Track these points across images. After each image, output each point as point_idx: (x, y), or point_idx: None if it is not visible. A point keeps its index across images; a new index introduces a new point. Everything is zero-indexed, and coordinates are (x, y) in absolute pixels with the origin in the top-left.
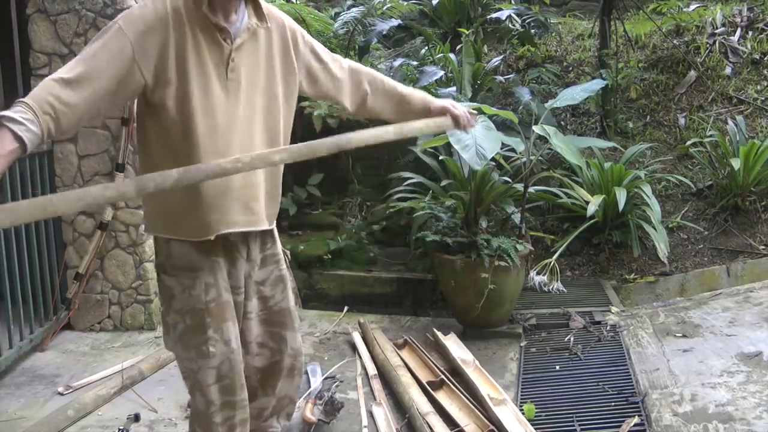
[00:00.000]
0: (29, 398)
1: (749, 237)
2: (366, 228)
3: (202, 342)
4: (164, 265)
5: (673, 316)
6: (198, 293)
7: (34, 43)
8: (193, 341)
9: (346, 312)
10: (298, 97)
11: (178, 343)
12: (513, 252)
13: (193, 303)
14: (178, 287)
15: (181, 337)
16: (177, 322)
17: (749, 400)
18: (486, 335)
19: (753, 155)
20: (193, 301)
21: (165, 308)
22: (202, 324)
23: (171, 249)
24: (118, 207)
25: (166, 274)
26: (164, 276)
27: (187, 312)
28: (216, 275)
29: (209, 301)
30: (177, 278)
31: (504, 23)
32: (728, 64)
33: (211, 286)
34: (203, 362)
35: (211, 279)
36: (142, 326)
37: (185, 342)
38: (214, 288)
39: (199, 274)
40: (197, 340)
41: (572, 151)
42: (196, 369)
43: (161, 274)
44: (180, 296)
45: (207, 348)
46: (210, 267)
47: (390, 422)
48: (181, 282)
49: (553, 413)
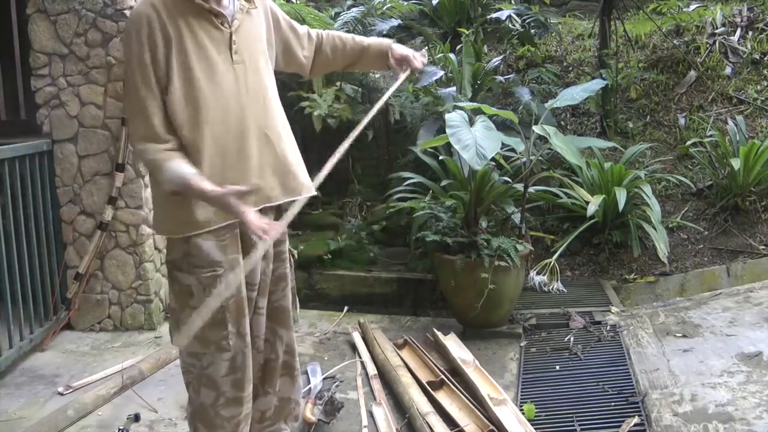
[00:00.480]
0: (29, 398)
1: (749, 237)
2: (366, 228)
3: (222, 338)
4: (180, 262)
5: (673, 316)
6: (219, 291)
7: (34, 43)
8: (212, 337)
9: (346, 312)
10: (298, 96)
11: (193, 339)
12: (513, 252)
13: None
14: (197, 284)
15: (199, 333)
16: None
17: (749, 400)
18: (486, 335)
19: (753, 155)
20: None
21: (179, 305)
22: (223, 320)
23: (190, 248)
24: (118, 207)
25: (183, 272)
26: (180, 273)
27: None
28: (235, 271)
29: (229, 298)
30: (196, 276)
31: (504, 23)
32: (728, 64)
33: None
34: (219, 356)
35: (231, 275)
36: (142, 326)
37: (203, 339)
38: (233, 285)
39: (219, 272)
40: (217, 336)
41: (572, 151)
42: (208, 363)
43: (176, 271)
44: (199, 294)
45: (227, 343)
46: (230, 264)
47: (390, 422)
48: (200, 280)
49: (553, 413)
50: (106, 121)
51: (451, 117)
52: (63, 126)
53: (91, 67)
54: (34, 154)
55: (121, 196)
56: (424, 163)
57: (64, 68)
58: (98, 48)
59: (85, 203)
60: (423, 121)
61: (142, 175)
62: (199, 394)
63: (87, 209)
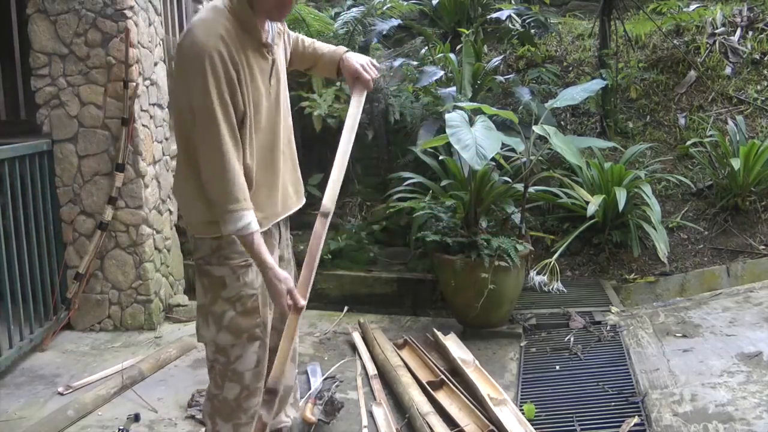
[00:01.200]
0: (29, 398)
1: (749, 237)
2: (366, 228)
3: (255, 325)
4: (210, 257)
5: (673, 316)
6: (252, 278)
7: (34, 43)
8: (245, 325)
9: (346, 312)
10: (298, 96)
11: (224, 331)
12: (513, 252)
13: (246, 289)
14: (231, 275)
15: (231, 323)
16: (226, 309)
17: (749, 400)
18: (486, 335)
19: (753, 155)
20: (246, 287)
21: (210, 298)
22: (255, 308)
23: (221, 242)
24: (118, 207)
25: (214, 265)
26: (211, 267)
27: (238, 299)
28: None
29: (260, 286)
30: (229, 266)
31: (504, 23)
32: (728, 64)
33: (258, 273)
34: (250, 347)
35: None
36: (142, 326)
37: (236, 328)
38: (260, 274)
39: (249, 261)
40: (250, 323)
41: (572, 151)
42: (237, 356)
43: (206, 266)
44: (233, 284)
45: (260, 331)
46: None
47: (390, 422)
48: (233, 269)
49: (553, 413)
50: (106, 121)
51: (451, 117)
52: (63, 126)
53: (91, 67)
54: (34, 154)
55: (121, 196)
56: (424, 163)
57: (64, 68)
58: (98, 48)
59: (85, 203)
60: (423, 121)
61: (142, 175)
62: (222, 389)
63: (87, 209)
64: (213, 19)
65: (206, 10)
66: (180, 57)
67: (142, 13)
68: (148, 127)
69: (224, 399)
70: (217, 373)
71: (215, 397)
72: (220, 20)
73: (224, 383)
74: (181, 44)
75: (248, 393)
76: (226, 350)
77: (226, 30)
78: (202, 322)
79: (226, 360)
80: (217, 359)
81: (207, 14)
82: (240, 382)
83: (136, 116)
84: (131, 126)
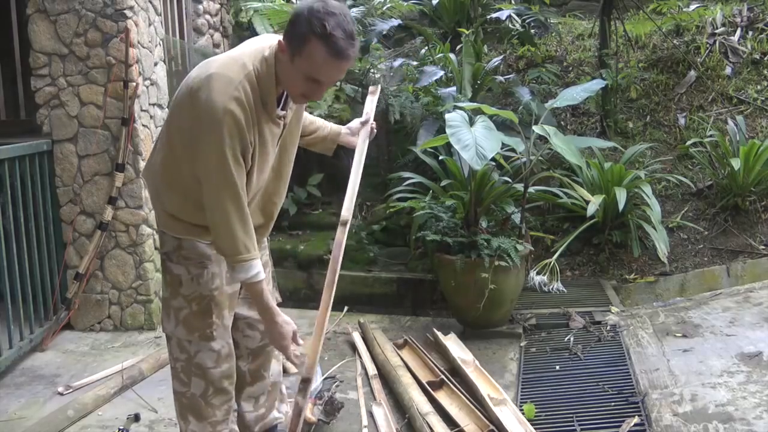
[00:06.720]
0: (29, 398)
1: (749, 237)
2: (366, 228)
3: (207, 326)
4: (172, 254)
5: (673, 316)
6: (206, 281)
7: (34, 43)
8: (197, 325)
9: (346, 312)
10: None
11: (180, 326)
12: (513, 252)
13: (200, 290)
14: (186, 275)
15: (186, 320)
16: (182, 306)
17: (749, 400)
18: (486, 335)
19: (753, 155)
20: (200, 288)
21: (171, 293)
22: (208, 310)
23: (182, 242)
24: (118, 207)
25: (174, 263)
26: (171, 264)
27: (194, 298)
28: (221, 266)
29: (214, 289)
30: (185, 267)
31: (504, 23)
32: (728, 64)
33: (216, 276)
34: (204, 345)
35: (217, 269)
36: (142, 326)
37: (189, 325)
38: (218, 278)
39: (207, 264)
40: (202, 324)
41: (572, 151)
42: (195, 352)
43: (168, 262)
44: (188, 283)
45: (211, 331)
46: (216, 258)
47: (390, 422)
48: (189, 270)
49: (553, 413)
50: (106, 121)
51: (451, 117)
52: (63, 126)
53: (91, 67)
54: (34, 154)
55: (121, 196)
56: (424, 163)
57: (64, 68)
58: (98, 48)
59: (85, 203)
60: (423, 121)
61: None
62: (189, 386)
63: (87, 209)
64: (234, 79)
65: (232, 61)
66: (194, 108)
67: (142, 13)
68: (148, 127)
69: (192, 395)
70: (181, 371)
71: (183, 394)
72: (242, 81)
73: (190, 379)
74: (197, 95)
75: (215, 390)
76: (183, 344)
77: (245, 93)
78: (165, 315)
79: (187, 355)
80: (179, 354)
81: (230, 69)
82: (204, 377)
83: (136, 116)
84: (131, 126)
